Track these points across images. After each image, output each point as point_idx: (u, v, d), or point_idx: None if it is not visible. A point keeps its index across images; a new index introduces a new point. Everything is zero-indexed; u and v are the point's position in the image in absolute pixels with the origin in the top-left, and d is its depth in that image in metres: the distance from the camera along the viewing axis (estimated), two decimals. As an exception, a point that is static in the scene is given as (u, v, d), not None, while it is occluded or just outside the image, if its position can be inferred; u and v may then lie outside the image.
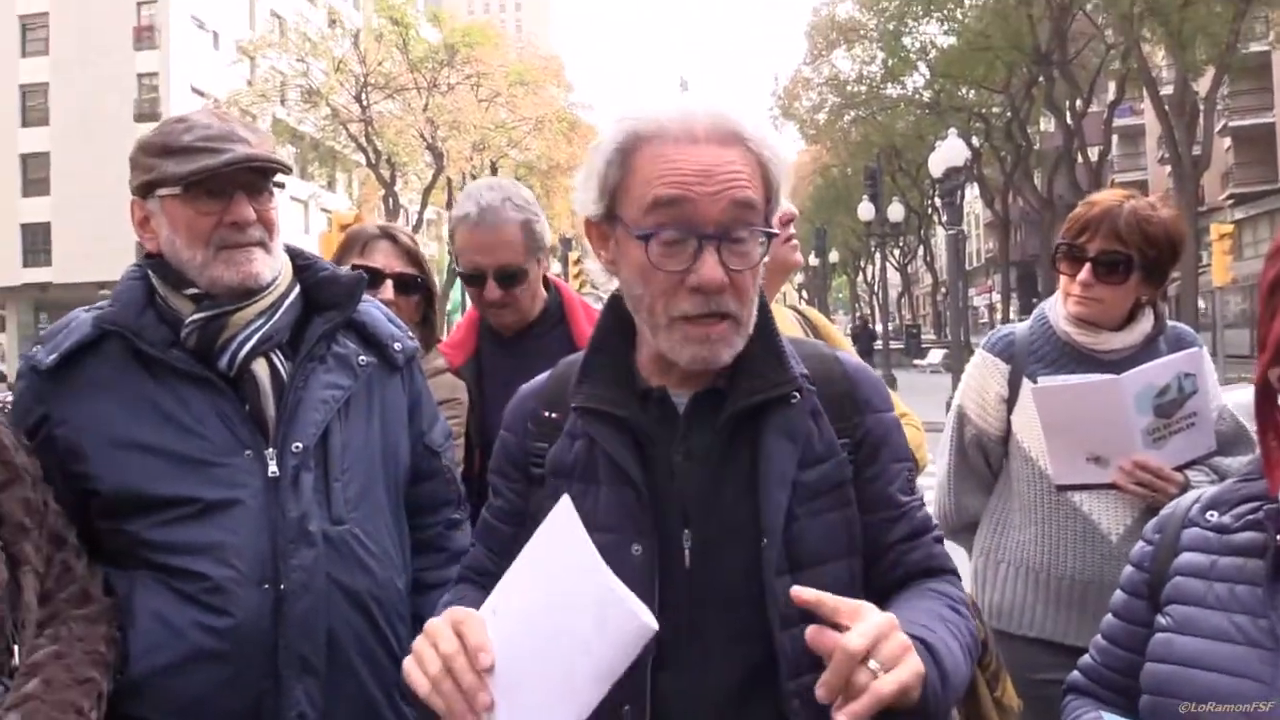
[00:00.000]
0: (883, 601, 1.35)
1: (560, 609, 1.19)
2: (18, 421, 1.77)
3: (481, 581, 1.48)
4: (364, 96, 37.00)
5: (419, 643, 1.24)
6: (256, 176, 1.77)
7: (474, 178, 37.60)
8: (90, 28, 40.70)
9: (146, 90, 41.02)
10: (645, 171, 1.33)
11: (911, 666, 1.14)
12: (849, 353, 2.40)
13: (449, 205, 38.98)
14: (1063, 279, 2.47)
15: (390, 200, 37.67)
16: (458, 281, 2.64)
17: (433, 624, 1.25)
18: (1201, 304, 29.15)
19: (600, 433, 1.39)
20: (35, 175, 42.34)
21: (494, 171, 40.53)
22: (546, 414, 1.49)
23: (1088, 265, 2.37)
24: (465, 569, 1.57)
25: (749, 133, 1.34)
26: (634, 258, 1.35)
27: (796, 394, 1.39)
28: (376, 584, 1.79)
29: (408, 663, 1.24)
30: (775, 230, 1.38)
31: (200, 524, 1.69)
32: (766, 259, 1.37)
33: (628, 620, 1.14)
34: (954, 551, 1.76)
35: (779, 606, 1.31)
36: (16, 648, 1.55)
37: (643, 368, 1.45)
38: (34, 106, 42.71)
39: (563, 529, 1.21)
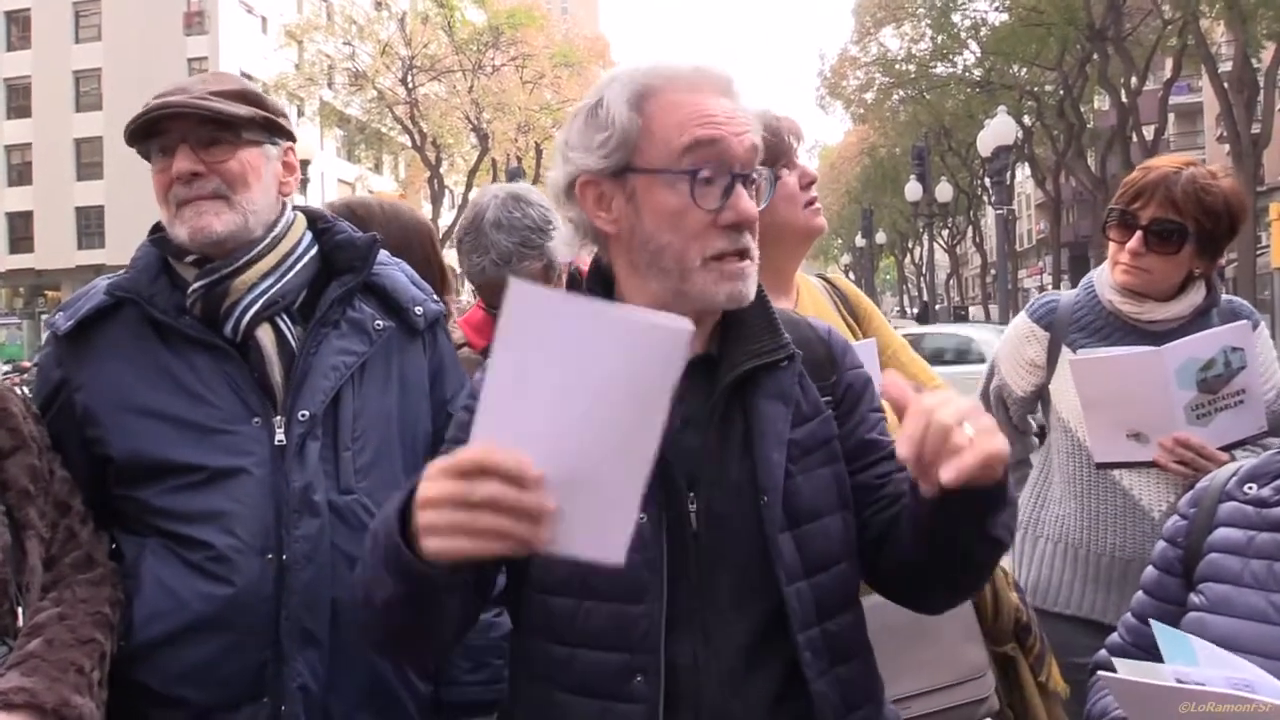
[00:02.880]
0: (883, 544, 1.38)
1: (576, 378, 1.03)
2: (40, 386, 1.79)
3: None
4: (410, 79, 37.16)
5: (432, 517, 1.06)
6: (203, 128, 1.72)
7: (519, 160, 37.69)
8: (142, 14, 41.31)
9: (196, 75, 41.58)
10: (671, 116, 1.35)
11: (1001, 439, 1.15)
12: (880, 322, 2.38)
13: (494, 187, 39.03)
14: (1111, 246, 2.38)
15: (435, 182, 37.85)
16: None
17: (432, 483, 1.06)
18: (1260, 284, 28.41)
19: None
20: (89, 160, 43.08)
21: (539, 155, 40.64)
22: None
23: (1139, 233, 2.28)
24: None
25: (736, 91, 1.40)
26: (663, 202, 1.36)
27: (788, 359, 1.42)
28: None
29: (436, 545, 1.06)
30: (779, 174, 1.45)
31: (206, 492, 1.67)
32: (766, 202, 1.43)
33: (657, 332, 1.02)
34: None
35: (783, 561, 1.34)
36: (21, 610, 1.55)
37: None
38: (87, 92, 43.41)
39: (532, 307, 1.03)
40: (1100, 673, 1.20)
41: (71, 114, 43.29)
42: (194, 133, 1.72)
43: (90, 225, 43.41)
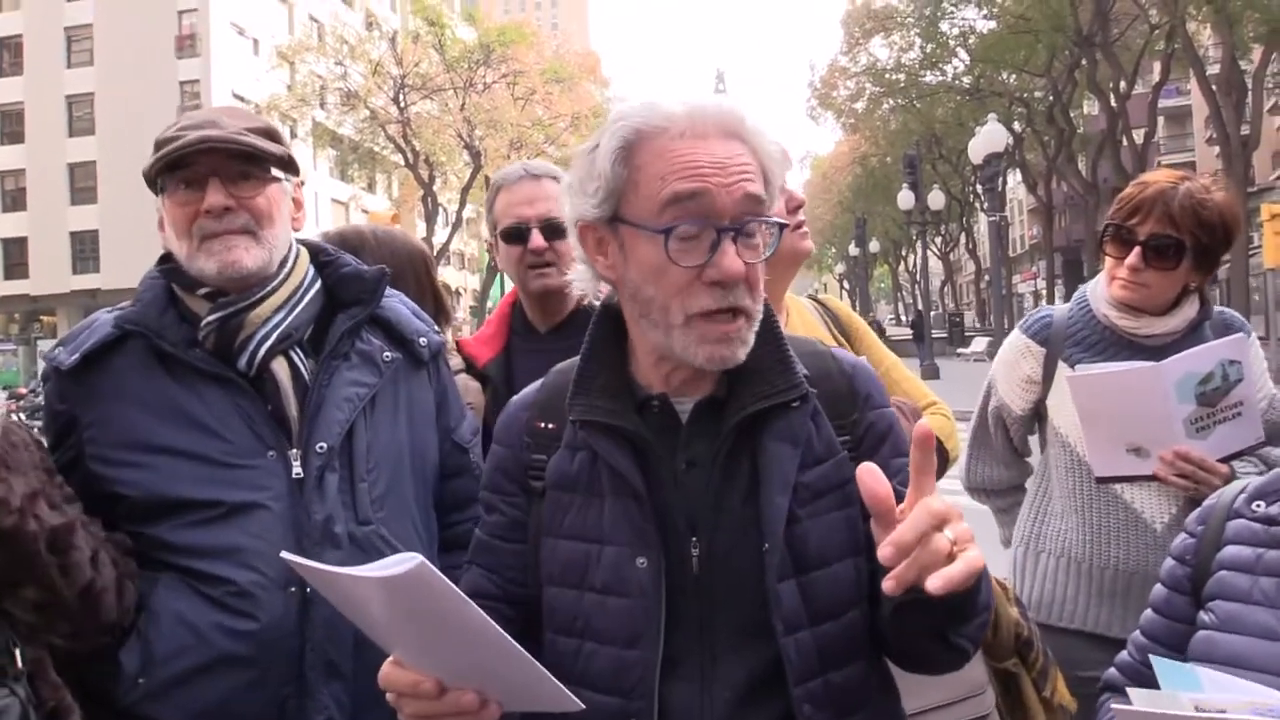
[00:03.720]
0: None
1: (399, 620, 1.18)
2: (48, 424, 1.78)
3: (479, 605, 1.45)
4: (402, 98, 37.26)
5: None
6: (234, 162, 1.73)
7: (512, 176, 37.74)
8: (134, 38, 41.36)
9: (189, 98, 41.51)
10: (655, 167, 1.29)
11: (978, 552, 1.09)
12: (871, 341, 2.39)
13: (488, 204, 39.19)
14: (1109, 261, 2.39)
15: (429, 200, 37.87)
16: (496, 280, 2.53)
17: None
18: (1253, 283, 28.49)
19: (601, 444, 1.36)
20: (83, 184, 43.12)
21: (532, 169, 40.63)
22: (542, 425, 1.46)
23: (1137, 249, 2.28)
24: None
25: (749, 127, 1.32)
26: (645, 257, 1.31)
27: (800, 400, 1.36)
28: None
29: None
30: (785, 221, 1.37)
31: (223, 527, 1.67)
32: (771, 251, 1.34)
33: (394, 581, 1.10)
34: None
35: (781, 611, 1.30)
36: (19, 651, 1.52)
37: (641, 376, 1.41)
38: (80, 116, 43.49)
39: (318, 580, 1.25)
40: (1114, 706, 1.20)
41: (64, 139, 43.33)
42: (224, 167, 1.72)
43: (85, 250, 43.39)
